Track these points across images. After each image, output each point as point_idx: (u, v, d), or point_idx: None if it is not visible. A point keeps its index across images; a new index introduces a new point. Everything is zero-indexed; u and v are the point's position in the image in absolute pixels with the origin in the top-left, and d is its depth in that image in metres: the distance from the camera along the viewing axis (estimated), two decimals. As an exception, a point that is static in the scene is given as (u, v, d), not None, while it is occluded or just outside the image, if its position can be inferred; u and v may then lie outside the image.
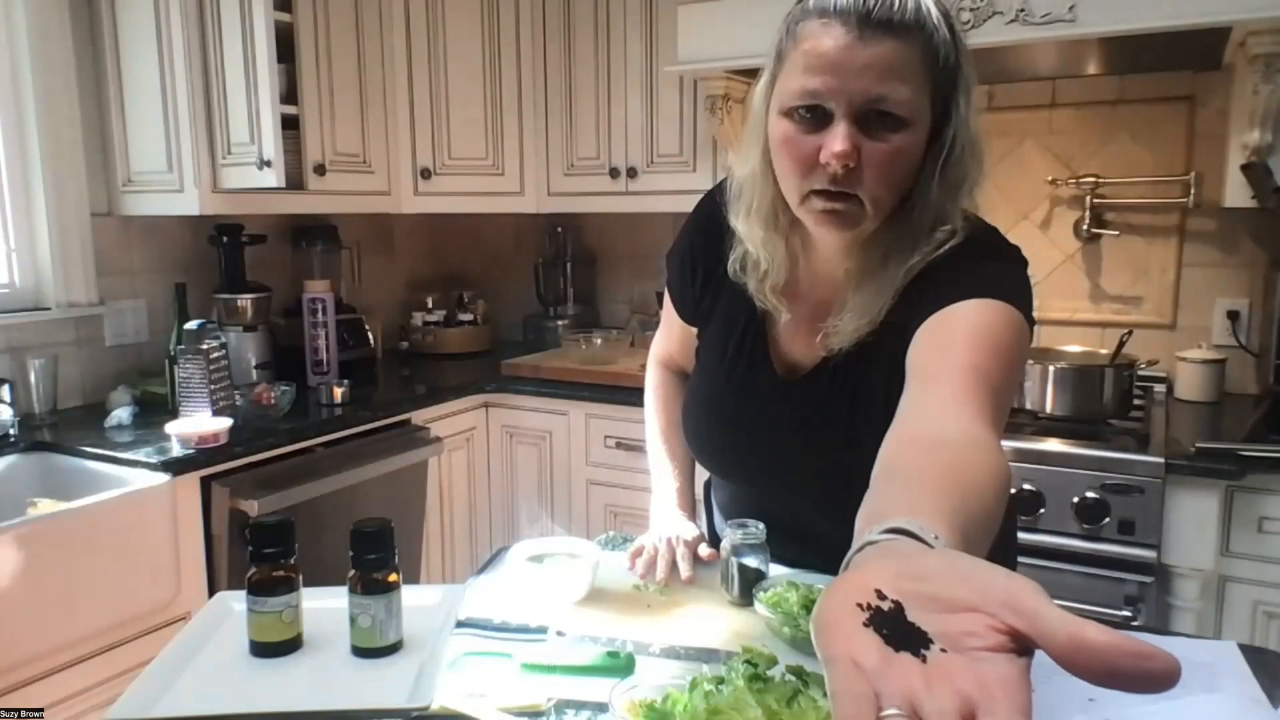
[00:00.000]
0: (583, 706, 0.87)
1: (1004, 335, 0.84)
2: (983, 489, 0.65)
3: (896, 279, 0.93)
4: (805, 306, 1.03)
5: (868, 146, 0.86)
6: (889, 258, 0.94)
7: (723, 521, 1.27)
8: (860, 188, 0.88)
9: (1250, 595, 1.85)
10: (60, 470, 1.99)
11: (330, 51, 2.46)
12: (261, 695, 0.90)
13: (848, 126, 0.85)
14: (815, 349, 1.02)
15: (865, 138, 0.86)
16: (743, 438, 1.10)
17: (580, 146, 2.80)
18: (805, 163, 0.88)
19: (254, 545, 0.99)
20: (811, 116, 0.87)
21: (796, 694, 0.78)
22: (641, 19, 2.64)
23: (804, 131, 0.88)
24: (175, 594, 1.88)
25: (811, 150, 0.87)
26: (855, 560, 0.52)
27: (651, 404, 1.36)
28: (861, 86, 0.84)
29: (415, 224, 3.28)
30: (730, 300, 1.09)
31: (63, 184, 2.28)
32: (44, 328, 2.27)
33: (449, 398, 2.60)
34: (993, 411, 0.78)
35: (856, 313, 0.95)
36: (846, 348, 0.98)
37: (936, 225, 0.92)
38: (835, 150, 0.85)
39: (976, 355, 0.81)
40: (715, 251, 1.08)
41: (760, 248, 1.00)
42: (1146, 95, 2.38)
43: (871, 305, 0.94)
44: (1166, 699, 0.90)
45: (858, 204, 0.89)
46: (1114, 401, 2.06)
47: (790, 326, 1.04)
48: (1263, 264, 2.30)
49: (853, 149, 0.85)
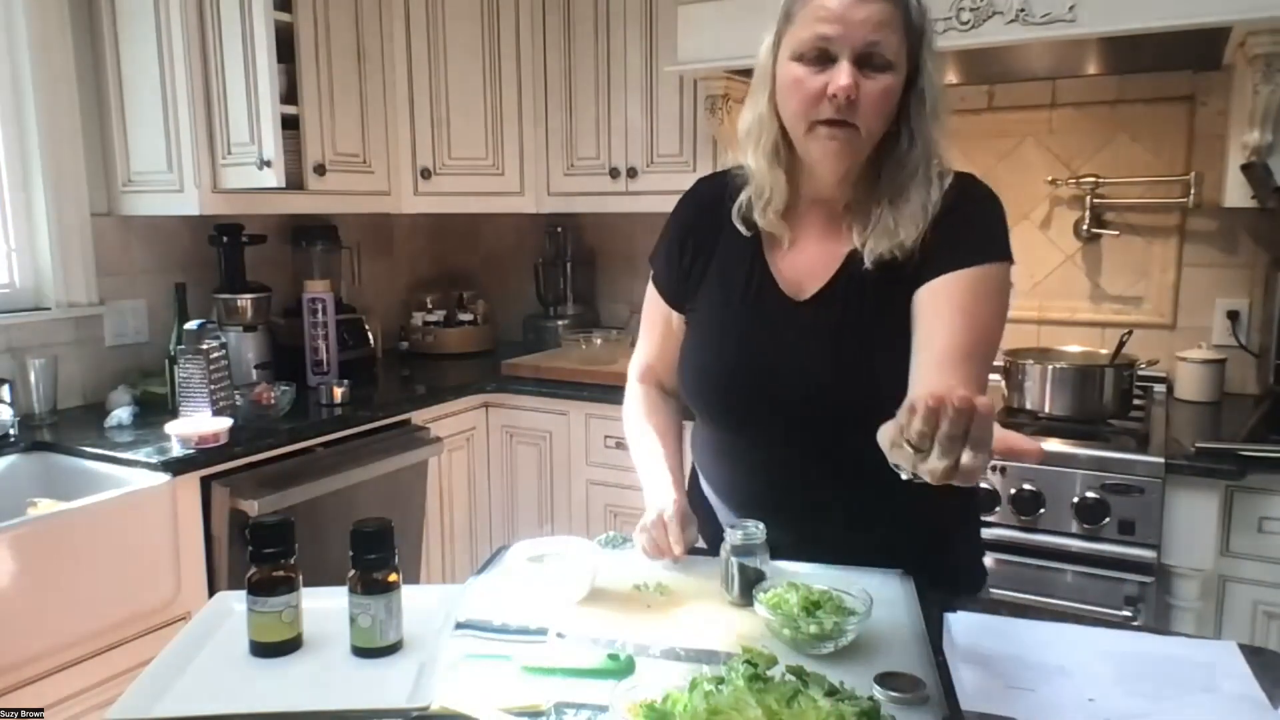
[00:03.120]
0: (583, 707, 0.86)
1: (997, 297, 1.11)
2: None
3: (918, 215, 1.10)
4: (804, 232, 1.20)
5: (864, 84, 1.06)
6: (908, 186, 1.11)
7: (717, 506, 1.29)
8: (858, 117, 1.07)
9: (1250, 595, 1.85)
10: (60, 470, 1.99)
11: (330, 51, 2.46)
12: (261, 695, 0.91)
13: (850, 66, 1.05)
14: (817, 269, 1.17)
15: (862, 77, 1.06)
16: (755, 358, 1.18)
17: (580, 146, 2.80)
18: (813, 98, 1.07)
19: (254, 545, 0.99)
20: (819, 59, 1.07)
21: (796, 694, 0.79)
22: (641, 19, 2.64)
23: (813, 72, 1.07)
24: (175, 594, 1.88)
25: (819, 87, 1.06)
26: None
27: (637, 411, 1.36)
28: (861, 35, 1.05)
29: (415, 224, 3.28)
30: (726, 252, 1.23)
31: (63, 184, 2.28)
32: (44, 328, 2.27)
33: (449, 398, 2.60)
34: (979, 382, 1.06)
35: (885, 238, 1.11)
36: (864, 268, 1.13)
37: (931, 157, 1.12)
38: (842, 84, 1.04)
39: (974, 336, 1.06)
40: (706, 223, 1.25)
41: (765, 175, 1.17)
42: (1146, 95, 2.38)
43: (894, 233, 1.11)
44: (1167, 699, 0.91)
45: (856, 132, 1.08)
46: (1114, 401, 2.06)
47: (792, 252, 1.20)
48: (1263, 264, 2.30)
49: (854, 83, 1.05)
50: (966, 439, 0.73)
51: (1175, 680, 0.94)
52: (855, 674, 0.88)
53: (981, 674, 0.96)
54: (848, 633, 0.96)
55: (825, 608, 0.98)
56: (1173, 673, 0.96)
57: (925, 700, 0.86)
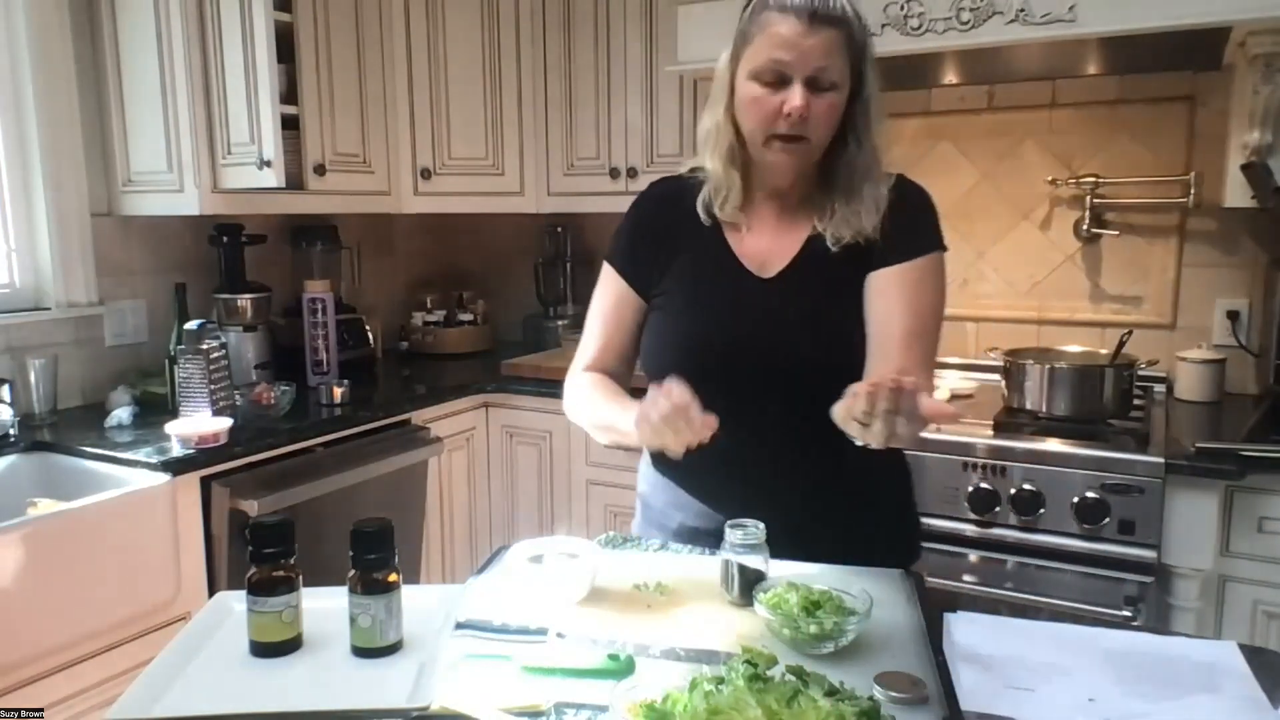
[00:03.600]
0: (583, 707, 0.87)
1: (937, 283, 1.28)
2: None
3: (873, 208, 1.24)
4: (761, 221, 1.32)
5: (814, 103, 1.19)
6: (859, 184, 1.25)
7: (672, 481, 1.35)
8: (809, 131, 1.21)
9: (1250, 595, 1.85)
10: (60, 470, 1.99)
11: (330, 51, 2.46)
12: (261, 695, 0.91)
13: (802, 88, 1.18)
14: (778, 252, 1.30)
15: (812, 97, 1.19)
16: (727, 327, 1.29)
17: (580, 146, 2.80)
18: (769, 115, 1.21)
19: (254, 545, 0.99)
20: (774, 80, 1.20)
21: (796, 694, 0.79)
22: (641, 19, 2.64)
23: (769, 92, 1.20)
24: (175, 594, 1.88)
25: (775, 105, 1.20)
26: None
27: (585, 387, 1.35)
28: (811, 60, 1.18)
29: (415, 224, 3.28)
30: (689, 241, 1.33)
31: (63, 184, 2.28)
32: (44, 328, 2.27)
33: (449, 398, 2.60)
34: (930, 361, 1.27)
35: (846, 227, 1.25)
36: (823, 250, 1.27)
37: (878, 158, 1.26)
38: (795, 104, 1.18)
39: (921, 320, 1.24)
40: (666, 216, 1.36)
41: (722, 176, 1.29)
42: (1146, 95, 2.38)
43: (857, 223, 1.24)
44: (1167, 699, 0.91)
45: (807, 144, 1.22)
46: (1114, 401, 2.06)
47: (751, 237, 1.32)
48: (1263, 264, 2.30)
49: (806, 104, 1.18)
50: (899, 412, 0.94)
51: (1175, 680, 0.94)
52: (855, 674, 0.88)
53: (981, 674, 0.96)
54: (848, 633, 0.96)
55: (825, 608, 0.98)
56: (1173, 673, 0.96)
57: (925, 700, 0.86)
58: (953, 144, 2.61)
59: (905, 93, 2.61)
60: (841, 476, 1.25)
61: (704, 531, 1.31)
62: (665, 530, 1.37)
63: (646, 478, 1.44)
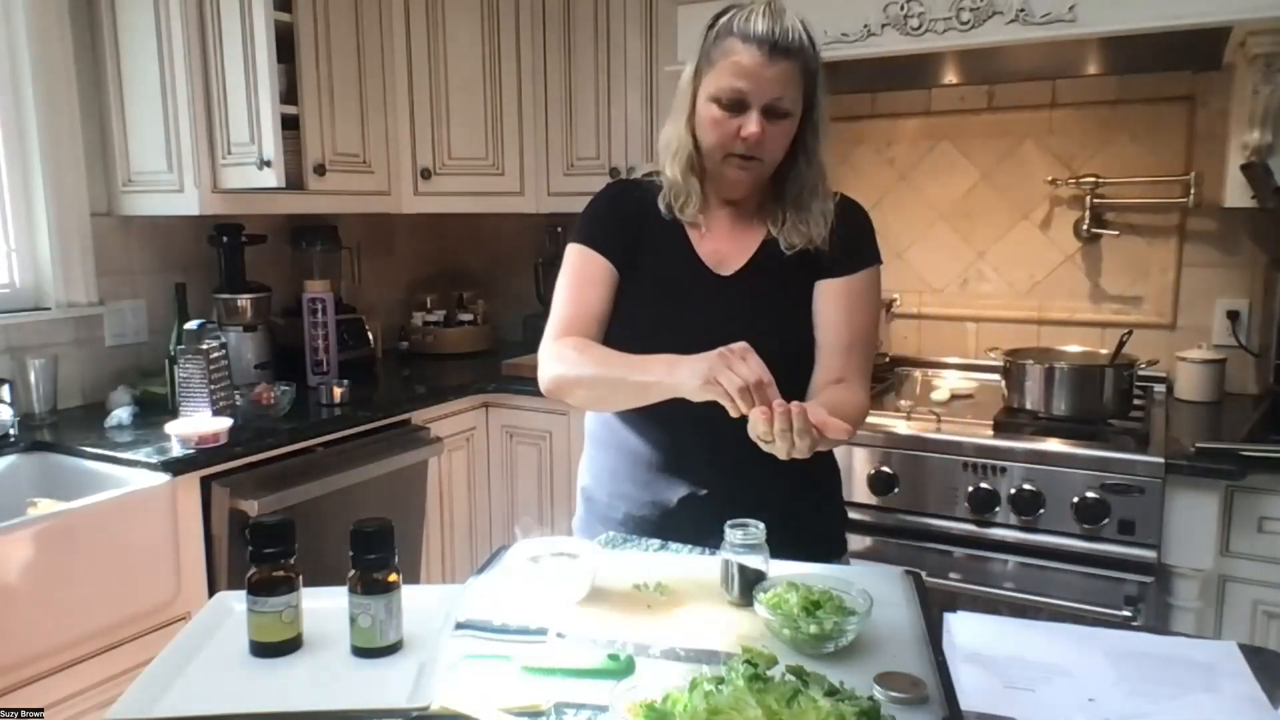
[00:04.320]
0: (583, 707, 0.87)
1: (874, 295, 1.41)
2: (846, 410, 1.20)
3: (819, 220, 1.35)
4: (718, 224, 1.41)
5: (769, 129, 1.28)
6: (808, 198, 1.35)
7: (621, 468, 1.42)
8: (763, 153, 1.31)
9: (1250, 595, 1.85)
10: (60, 470, 1.99)
11: (330, 51, 2.46)
12: (261, 695, 0.91)
13: (758, 115, 1.27)
14: (734, 253, 1.39)
15: (768, 122, 1.28)
16: (686, 320, 1.36)
17: (580, 146, 2.80)
18: (727, 137, 1.30)
19: (254, 545, 0.99)
20: (733, 106, 1.28)
21: (796, 694, 0.79)
22: (641, 19, 2.64)
23: (728, 116, 1.29)
24: (175, 594, 1.88)
25: (733, 129, 1.29)
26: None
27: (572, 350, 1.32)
28: (769, 90, 1.27)
29: (415, 224, 3.28)
30: (653, 237, 1.40)
31: (63, 184, 2.28)
32: (44, 328, 2.27)
33: (449, 398, 2.60)
34: (867, 366, 1.40)
35: (797, 235, 1.35)
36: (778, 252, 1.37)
37: (824, 174, 1.36)
38: (752, 130, 1.27)
39: (861, 330, 1.37)
40: (630, 210, 1.43)
41: (680, 184, 1.38)
42: (1146, 95, 2.38)
43: (807, 233, 1.35)
44: (1166, 699, 0.91)
45: (760, 163, 1.32)
46: (1114, 401, 2.06)
47: (710, 237, 1.40)
48: (1263, 264, 2.30)
49: (762, 130, 1.27)
50: (792, 430, 1.05)
51: (1175, 680, 0.94)
52: (855, 674, 0.88)
53: (981, 674, 0.96)
54: (848, 633, 0.96)
55: (825, 608, 0.98)
56: (1173, 673, 0.96)
57: (925, 700, 0.86)
58: (953, 144, 2.61)
59: (905, 93, 2.60)
60: (783, 468, 1.20)
61: (648, 520, 1.37)
62: (609, 522, 1.42)
63: (589, 471, 1.50)
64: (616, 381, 1.26)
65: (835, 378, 1.33)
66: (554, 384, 1.34)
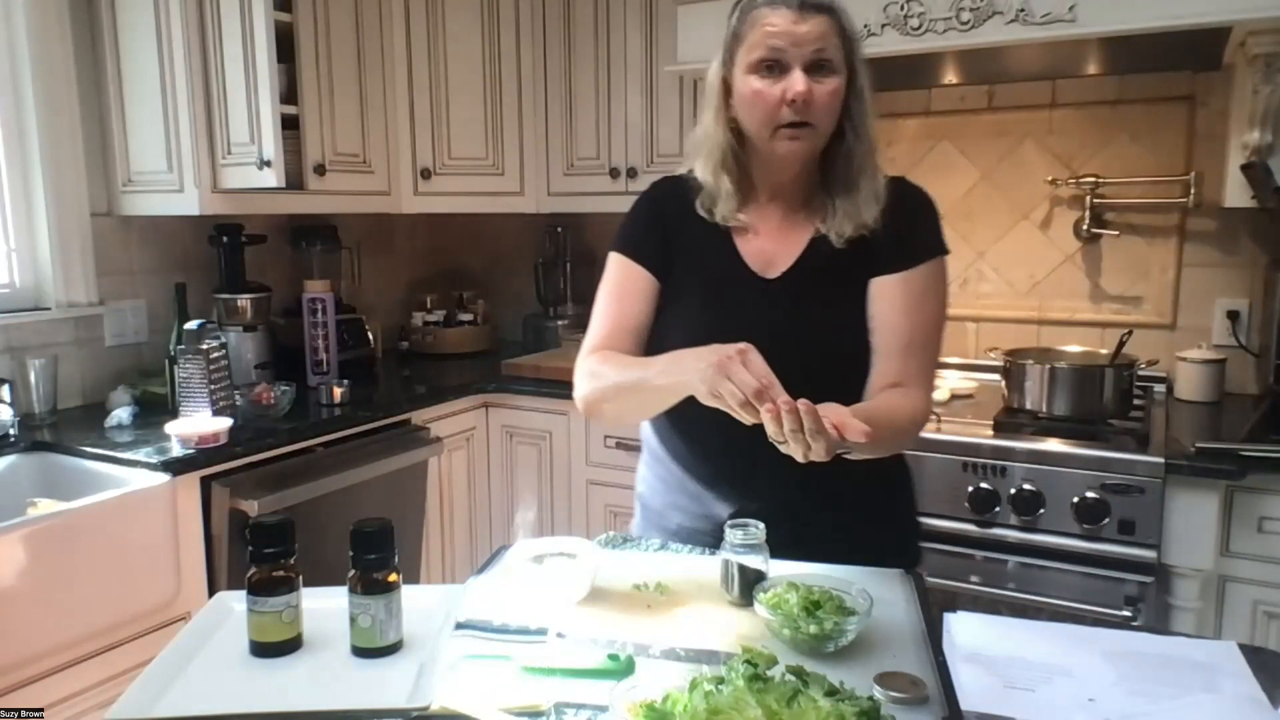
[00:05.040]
0: (583, 707, 0.87)
1: (938, 290, 1.29)
2: (898, 415, 1.18)
3: (872, 200, 1.25)
4: (765, 223, 1.32)
5: (816, 88, 1.20)
6: (858, 177, 1.25)
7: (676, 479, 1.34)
8: (813, 116, 1.21)
9: (1250, 595, 1.85)
10: (60, 470, 1.99)
11: (330, 51, 2.46)
12: (261, 695, 0.91)
13: (802, 74, 1.19)
14: (781, 253, 1.30)
15: (812, 80, 1.19)
16: (730, 329, 1.22)
17: (580, 146, 2.80)
18: (774, 105, 1.21)
19: (254, 545, 0.99)
20: (773, 71, 1.20)
21: (796, 694, 0.79)
22: (641, 19, 2.64)
23: (770, 83, 1.21)
24: (175, 594, 1.88)
25: (777, 95, 1.20)
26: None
27: (601, 364, 1.29)
28: (808, 45, 1.19)
29: (415, 224, 3.28)
30: (692, 240, 1.33)
31: (63, 184, 2.28)
32: (44, 328, 2.27)
33: (449, 398, 2.60)
34: (928, 369, 1.28)
35: (848, 222, 1.25)
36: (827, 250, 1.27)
37: (874, 150, 1.26)
38: (798, 89, 1.18)
39: (921, 331, 1.26)
40: (671, 213, 1.36)
41: (714, 181, 1.30)
42: (1146, 95, 2.38)
43: (857, 215, 1.25)
44: (1167, 699, 0.91)
45: (813, 130, 1.22)
46: (1114, 401, 2.06)
47: (756, 239, 1.32)
48: (1263, 264, 2.30)
49: (808, 88, 1.19)
50: (803, 431, 0.97)
51: (1175, 680, 0.94)
52: (855, 674, 0.88)
53: (981, 674, 0.96)
54: (848, 633, 0.96)
55: (825, 608, 0.98)
56: (1173, 673, 0.96)
57: (925, 700, 0.86)
58: (953, 144, 2.61)
59: (905, 93, 2.61)
60: (841, 478, 1.20)
61: (702, 533, 1.31)
62: (664, 531, 1.37)
63: (645, 479, 1.43)
64: (632, 387, 1.22)
65: (891, 382, 1.23)
66: (584, 403, 1.31)
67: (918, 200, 1.32)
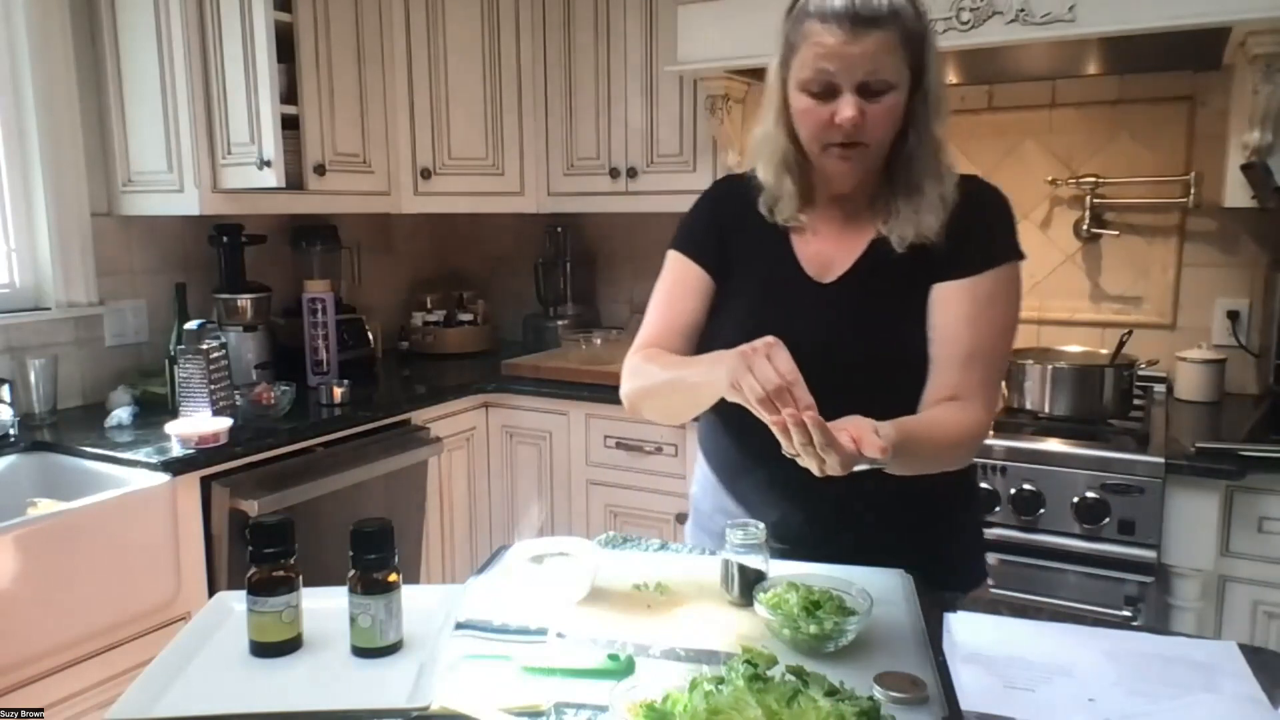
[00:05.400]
0: (583, 707, 0.87)
1: (1007, 298, 1.22)
2: (944, 430, 1.14)
3: (937, 204, 1.19)
4: (825, 224, 1.28)
5: (869, 108, 1.14)
6: (921, 180, 1.20)
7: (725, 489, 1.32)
8: (865, 136, 1.16)
9: (1250, 595, 1.85)
10: (60, 470, 1.99)
11: (330, 51, 2.46)
12: (261, 695, 0.91)
13: (852, 97, 1.13)
14: (840, 256, 1.26)
15: (865, 102, 1.14)
16: (781, 334, 1.18)
17: (580, 146, 2.80)
18: (823, 125, 1.16)
19: (254, 545, 0.99)
20: (823, 91, 1.15)
21: (796, 694, 0.79)
22: (641, 19, 2.64)
23: (820, 103, 1.16)
24: (175, 594, 1.88)
25: (826, 116, 1.15)
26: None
27: (650, 357, 1.27)
28: (859, 67, 1.12)
29: (415, 224, 3.28)
30: (751, 240, 1.31)
31: (63, 184, 2.28)
32: (44, 328, 2.27)
33: (449, 398, 2.60)
34: (991, 382, 1.21)
35: (910, 226, 1.20)
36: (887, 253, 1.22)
37: (939, 151, 1.21)
38: (846, 115, 1.13)
39: (984, 341, 1.18)
40: (731, 213, 1.33)
41: (774, 185, 1.27)
42: (1146, 95, 2.38)
43: (918, 222, 1.19)
44: (1166, 699, 0.91)
45: (864, 149, 1.17)
46: (1114, 401, 2.06)
47: (815, 240, 1.28)
48: (1263, 264, 2.30)
49: (858, 113, 1.13)
50: (813, 444, 0.94)
51: (1175, 680, 0.94)
52: (855, 674, 0.88)
53: (981, 674, 0.96)
54: (848, 633, 0.96)
55: (825, 608, 0.98)
56: (1173, 673, 0.96)
57: (925, 700, 0.86)
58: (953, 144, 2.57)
59: (905, 93, 2.60)
60: (885, 492, 1.15)
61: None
62: (712, 535, 1.34)
63: (697, 479, 1.41)
64: (670, 386, 1.20)
65: (947, 394, 1.17)
66: (626, 400, 1.30)
67: (989, 201, 1.26)
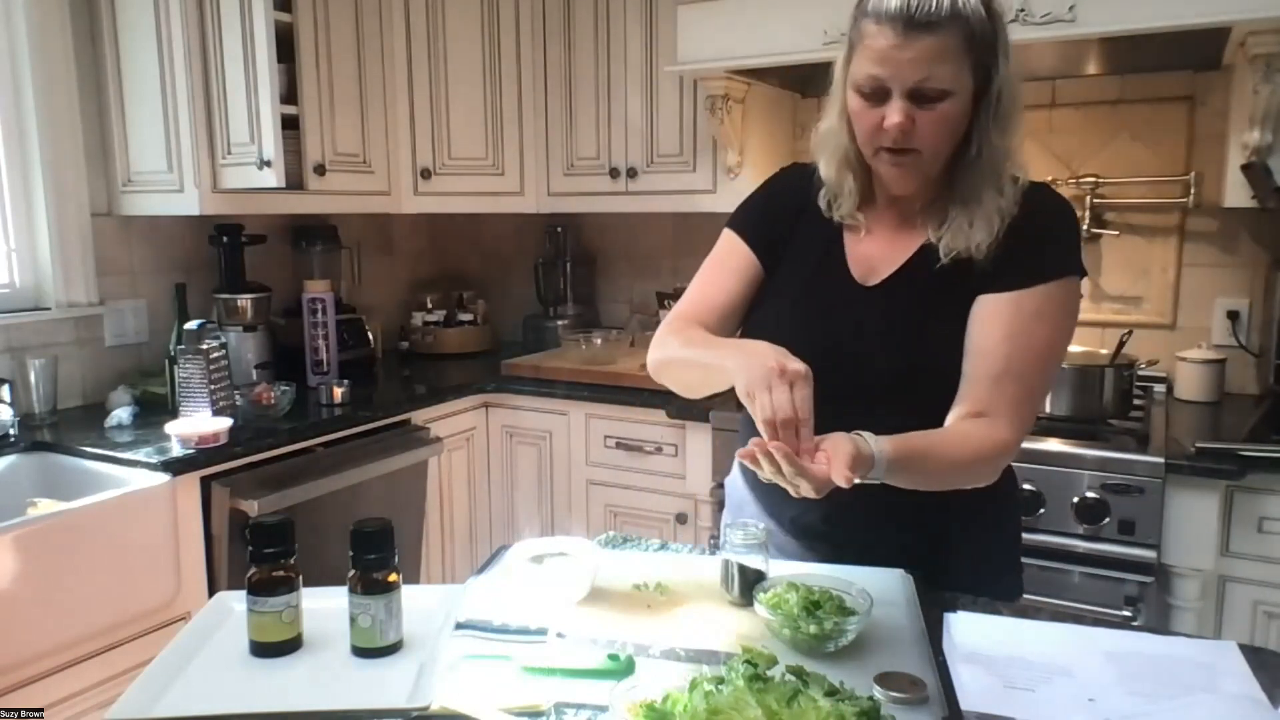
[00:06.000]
0: (583, 707, 0.87)
1: (1056, 316, 1.16)
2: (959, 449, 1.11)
3: (992, 219, 1.14)
4: (880, 223, 1.25)
5: (920, 115, 1.10)
6: (980, 190, 1.15)
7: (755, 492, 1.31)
8: (917, 143, 1.12)
9: (1250, 595, 1.85)
10: (60, 470, 1.99)
11: (330, 51, 2.46)
12: (261, 695, 0.91)
13: (902, 102, 1.09)
14: (886, 259, 1.23)
15: (917, 108, 1.10)
16: (816, 334, 1.21)
17: (580, 146, 2.80)
18: (872, 129, 1.13)
19: (254, 545, 0.99)
20: (874, 94, 1.12)
21: (796, 694, 0.79)
22: (641, 19, 2.64)
23: (870, 106, 1.13)
24: (175, 594, 1.88)
25: (876, 119, 1.12)
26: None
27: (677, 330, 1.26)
28: (910, 73, 1.08)
29: (415, 224, 3.28)
30: (804, 233, 1.29)
31: (63, 184, 2.28)
32: (44, 328, 2.27)
33: (449, 398, 2.60)
34: (1025, 401, 1.14)
35: (960, 238, 1.16)
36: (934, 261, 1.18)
37: (1004, 162, 1.15)
38: (893, 122, 1.10)
39: (1023, 359, 1.13)
40: (789, 203, 1.31)
41: (834, 181, 1.24)
42: (1146, 95, 2.38)
43: (968, 235, 1.15)
44: (1166, 699, 0.91)
45: (917, 156, 1.13)
46: (1114, 401, 2.06)
47: (868, 239, 1.25)
48: (1263, 264, 2.30)
49: (907, 119, 1.10)
50: (782, 472, 0.96)
51: (1175, 680, 0.94)
52: (855, 674, 0.88)
53: (981, 674, 0.96)
54: (848, 633, 0.96)
55: (825, 608, 0.98)
56: (1173, 673, 0.96)
57: (925, 700, 0.86)
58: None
59: (905, 93, 2.60)
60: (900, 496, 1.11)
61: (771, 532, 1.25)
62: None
63: (734, 482, 1.39)
64: (689, 361, 1.20)
65: (975, 411, 1.12)
66: (651, 367, 1.29)
67: (1052, 213, 1.20)
